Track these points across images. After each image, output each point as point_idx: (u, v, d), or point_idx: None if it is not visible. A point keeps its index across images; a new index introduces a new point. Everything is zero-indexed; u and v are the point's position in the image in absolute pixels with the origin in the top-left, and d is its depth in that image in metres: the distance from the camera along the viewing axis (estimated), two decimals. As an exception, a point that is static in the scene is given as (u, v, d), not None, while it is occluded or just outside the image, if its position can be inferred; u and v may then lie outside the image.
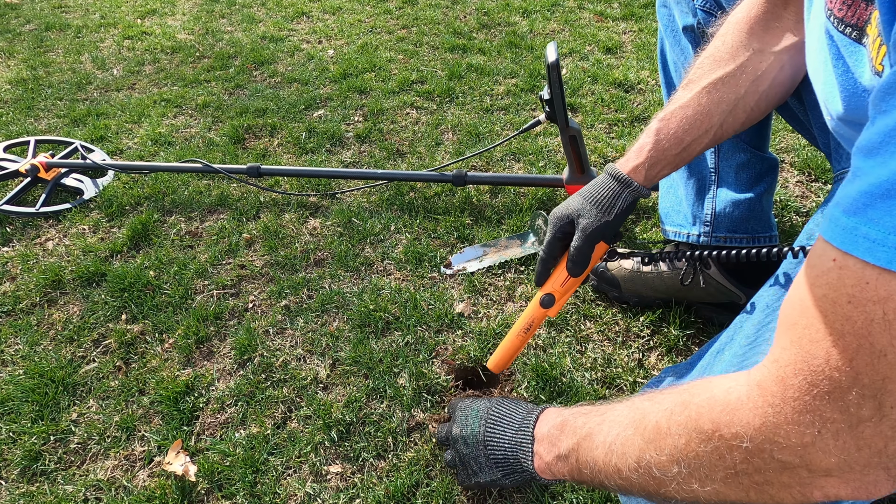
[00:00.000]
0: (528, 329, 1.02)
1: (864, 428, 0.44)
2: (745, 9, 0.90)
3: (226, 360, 1.25)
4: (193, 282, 1.43)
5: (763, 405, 0.49)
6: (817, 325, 0.45)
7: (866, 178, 0.41)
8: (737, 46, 0.88)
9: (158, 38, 2.80)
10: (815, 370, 0.45)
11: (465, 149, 1.86)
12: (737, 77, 0.87)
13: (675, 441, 0.57)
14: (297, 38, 2.74)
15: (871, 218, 0.40)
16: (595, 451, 0.68)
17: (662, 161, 0.91)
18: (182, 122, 2.13)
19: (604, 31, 2.56)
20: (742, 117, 0.90)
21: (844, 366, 0.43)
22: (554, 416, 0.81)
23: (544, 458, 0.78)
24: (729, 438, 0.51)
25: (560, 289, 0.98)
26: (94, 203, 1.72)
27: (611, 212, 0.91)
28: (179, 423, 1.13)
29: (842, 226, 0.43)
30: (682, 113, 0.89)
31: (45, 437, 1.12)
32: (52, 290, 1.44)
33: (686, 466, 0.56)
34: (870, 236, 0.40)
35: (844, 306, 0.42)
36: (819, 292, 0.45)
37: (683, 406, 0.58)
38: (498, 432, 0.86)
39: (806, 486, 0.49)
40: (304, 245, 1.53)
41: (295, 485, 1.02)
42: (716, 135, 0.90)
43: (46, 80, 2.47)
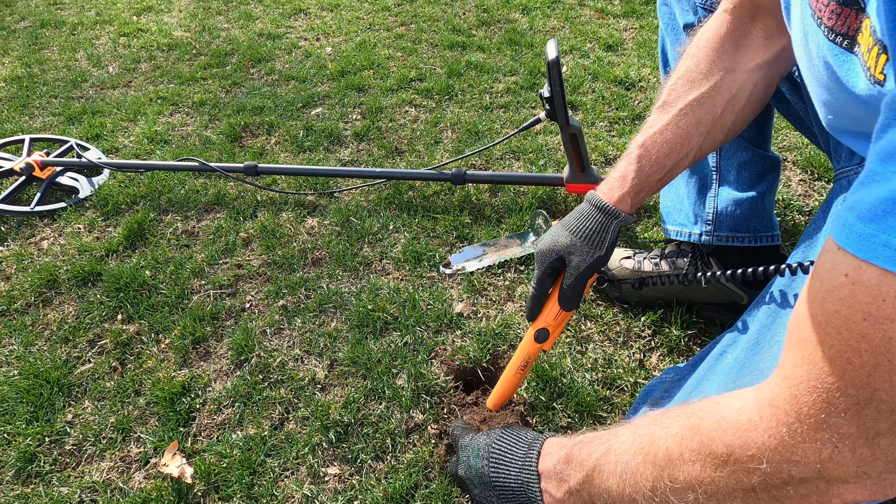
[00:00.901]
0: (525, 366, 1.01)
1: (881, 440, 0.44)
2: (713, 27, 0.90)
3: (222, 360, 1.25)
4: (190, 281, 1.43)
5: (777, 425, 0.49)
6: (830, 342, 0.44)
7: (886, 184, 0.40)
8: (709, 66, 0.88)
9: (154, 36, 2.80)
10: (830, 388, 0.45)
11: (464, 147, 1.86)
12: (713, 98, 0.87)
13: (690, 468, 0.56)
14: (294, 36, 2.74)
15: (892, 225, 0.39)
16: (607, 482, 0.67)
17: (646, 188, 0.90)
18: (178, 121, 2.12)
19: (604, 29, 2.56)
20: (720, 137, 0.90)
21: (861, 383, 0.43)
22: (556, 449, 0.80)
23: (555, 495, 0.77)
24: (745, 461, 0.51)
25: (553, 322, 0.97)
26: (90, 202, 1.72)
27: (602, 246, 0.89)
28: (176, 425, 1.13)
29: (858, 232, 0.42)
30: (661, 138, 0.88)
31: (40, 439, 1.12)
32: (47, 290, 1.43)
33: (703, 493, 0.56)
34: (891, 244, 0.39)
35: (860, 324, 0.42)
36: (831, 308, 0.44)
37: (694, 431, 0.57)
38: (503, 472, 0.85)
39: (823, 494, 0.49)
40: (302, 244, 1.53)
41: (292, 486, 1.02)
42: (695, 156, 0.90)
43: (41, 77, 2.47)
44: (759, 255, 1.20)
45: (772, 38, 0.86)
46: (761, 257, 1.20)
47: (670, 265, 1.26)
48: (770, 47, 0.86)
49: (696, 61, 0.89)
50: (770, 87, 0.90)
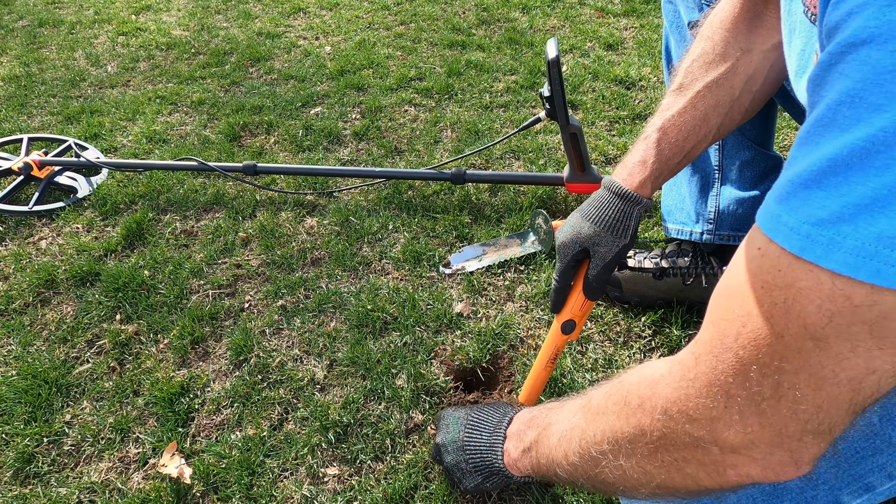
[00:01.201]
0: (553, 359, 1.02)
1: (765, 406, 0.46)
2: (726, 8, 0.90)
3: (221, 360, 1.25)
4: (189, 281, 1.43)
5: (679, 379, 0.52)
6: (734, 307, 0.48)
7: (794, 166, 0.43)
8: (725, 47, 0.87)
9: (153, 35, 2.80)
10: (725, 348, 0.48)
11: (464, 146, 1.86)
12: (730, 79, 0.87)
13: (608, 418, 0.61)
14: (293, 35, 2.74)
15: (792, 206, 0.42)
16: (551, 438, 0.71)
17: (666, 171, 0.90)
18: (177, 120, 2.12)
19: (605, 28, 2.56)
20: (738, 118, 0.90)
21: (748, 345, 0.46)
22: (526, 413, 0.84)
23: (511, 454, 0.81)
24: (649, 411, 0.55)
25: (579, 312, 0.97)
26: (88, 202, 1.72)
27: (626, 234, 0.89)
28: (174, 425, 1.13)
29: (770, 212, 0.44)
30: (680, 120, 0.88)
31: (39, 439, 1.12)
32: (46, 290, 1.43)
33: (615, 443, 0.60)
34: (788, 224, 0.42)
35: (758, 291, 0.45)
36: (742, 277, 0.47)
37: (619, 385, 0.62)
38: (475, 436, 0.88)
39: (718, 464, 0.51)
40: (301, 244, 1.53)
41: (292, 487, 1.02)
42: (714, 137, 0.90)
43: (39, 76, 2.47)
44: None
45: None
46: None
47: (671, 264, 1.26)
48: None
49: (711, 43, 0.89)
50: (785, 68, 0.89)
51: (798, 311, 0.42)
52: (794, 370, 0.44)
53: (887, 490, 0.67)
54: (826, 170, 0.39)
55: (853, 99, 0.38)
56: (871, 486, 0.66)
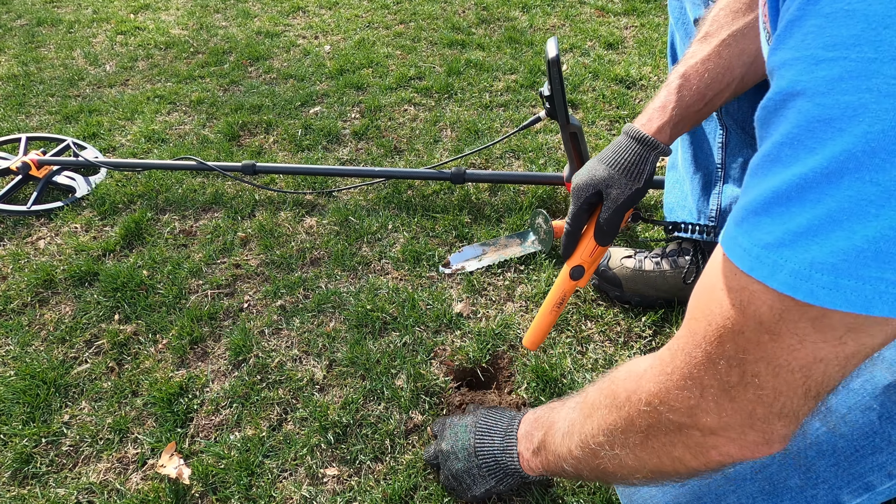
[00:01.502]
0: (560, 303, 1.02)
1: (734, 392, 0.52)
2: None
3: (220, 361, 1.25)
4: (187, 281, 1.43)
5: (659, 374, 0.58)
6: (701, 306, 0.54)
7: (747, 194, 0.48)
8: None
9: (152, 34, 2.79)
10: (695, 343, 0.54)
11: (463, 146, 1.86)
12: (756, 28, 0.84)
13: (602, 413, 0.66)
14: (292, 34, 2.74)
15: (744, 230, 0.47)
16: (555, 436, 0.75)
17: (686, 119, 0.89)
18: (176, 119, 2.12)
19: (605, 27, 2.56)
20: (762, 70, 0.87)
21: (714, 340, 0.52)
22: (531, 414, 0.86)
23: (525, 455, 0.83)
24: (635, 403, 0.61)
25: (589, 259, 0.98)
26: (87, 201, 1.72)
27: (640, 178, 0.89)
28: (173, 425, 1.13)
29: (728, 233, 0.50)
30: (703, 67, 0.87)
31: (37, 440, 1.12)
32: (44, 290, 1.43)
33: (610, 434, 0.65)
34: (742, 245, 0.47)
35: (720, 292, 0.51)
36: (707, 282, 0.53)
37: (610, 381, 0.67)
38: (487, 441, 0.89)
39: (701, 446, 0.57)
40: (301, 244, 1.53)
41: (291, 488, 1.02)
42: (737, 88, 0.89)
43: (38, 76, 2.46)
44: None
45: None
46: None
47: (671, 264, 1.26)
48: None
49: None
50: None
51: (753, 310, 0.48)
52: (754, 360, 0.49)
53: (887, 489, 0.67)
54: (771, 200, 0.45)
55: (792, 141, 0.43)
56: (871, 486, 0.66)
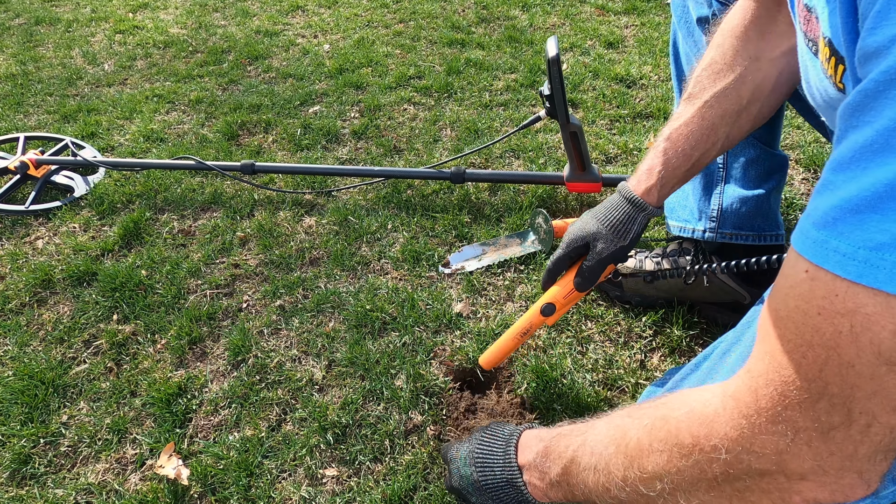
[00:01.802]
0: (524, 333, 1.06)
1: (835, 434, 0.45)
2: (738, 15, 0.90)
3: (219, 361, 1.25)
4: (186, 281, 1.43)
5: (738, 416, 0.51)
6: (789, 336, 0.47)
7: (837, 192, 0.43)
8: (734, 56, 0.89)
9: (150, 33, 2.79)
10: (786, 381, 0.47)
11: (463, 145, 1.86)
12: (738, 88, 0.88)
13: (658, 458, 0.58)
14: (292, 33, 2.73)
15: (841, 232, 0.42)
16: (583, 473, 0.69)
17: (673, 179, 0.93)
18: (175, 119, 2.12)
19: (605, 26, 2.56)
20: (747, 126, 0.91)
21: (814, 377, 0.45)
22: (535, 442, 0.82)
23: (538, 486, 0.80)
24: (708, 451, 0.53)
25: (562, 300, 1.02)
26: (85, 201, 1.72)
27: (626, 236, 0.95)
28: (172, 426, 1.13)
29: (812, 238, 0.44)
30: (687, 130, 0.91)
31: (35, 440, 1.12)
32: (42, 290, 1.43)
33: (669, 482, 0.57)
34: (840, 250, 0.42)
35: (814, 318, 0.44)
36: (791, 304, 0.47)
37: (663, 421, 0.59)
38: (489, 473, 0.86)
39: (784, 490, 0.50)
40: (300, 244, 1.52)
41: (290, 488, 1.02)
42: (723, 146, 0.92)
43: (36, 75, 2.46)
44: (763, 254, 1.20)
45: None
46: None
47: (672, 264, 1.26)
48: (794, 33, 0.86)
49: (720, 51, 0.90)
50: (796, 73, 0.89)
51: (869, 338, 0.41)
52: (866, 397, 0.43)
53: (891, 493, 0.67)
54: (882, 194, 0.39)
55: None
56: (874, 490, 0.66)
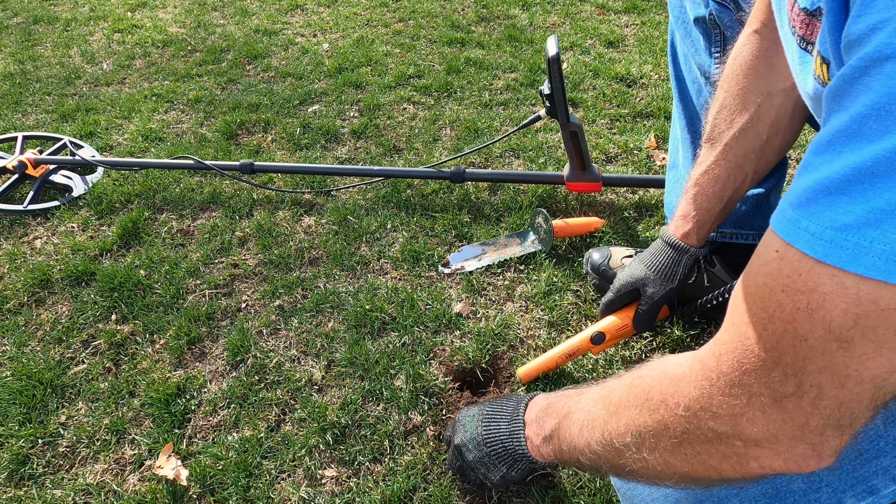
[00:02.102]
0: (570, 355, 1.12)
1: (787, 403, 0.48)
2: (744, 51, 0.91)
3: (218, 361, 1.25)
4: (185, 281, 1.43)
5: (701, 378, 0.54)
6: (754, 309, 0.50)
7: (813, 174, 0.44)
8: (746, 95, 0.91)
9: (149, 32, 2.79)
10: (746, 349, 0.50)
11: (463, 145, 1.86)
12: (755, 125, 0.90)
13: (631, 412, 0.63)
14: (291, 32, 2.73)
15: (813, 212, 0.43)
16: (572, 427, 0.73)
17: (710, 219, 1.00)
18: (173, 118, 2.12)
19: (605, 25, 2.56)
20: (772, 157, 0.94)
21: (771, 347, 0.48)
22: (542, 400, 0.86)
23: (534, 441, 0.83)
24: (672, 408, 0.57)
25: (615, 333, 1.10)
26: (84, 200, 1.72)
27: (674, 279, 1.04)
28: (171, 426, 1.13)
29: (787, 217, 0.46)
30: (713, 173, 0.96)
31: (33, 441, 1.12)
32: (40, 290, 1.43)
33: (637, 436, 0.61)
34: (809, 229, 0.43)
35: (778, 294, 0.46)
36: (760, 280, 0.49)
37: (640, 379, 0.64)
38: (493, 428, 0.90)
39: (742, 456, 0.53)
40: (299, 243, 1.52)
41: (289, 489, 1.02)
42: (752, 180, 0.97)
43: (34, 74, 2.46)
44: None
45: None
46: None
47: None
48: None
49: (732, 91, 0.92)
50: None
51: (822, 315, 0.43)
52: (817, 370, 0.45)
53: (891, 493, 0.67)
54: (851, 177, 0.41)
55: (879, 112, 0.39)
56: (875, 489, 0.66)
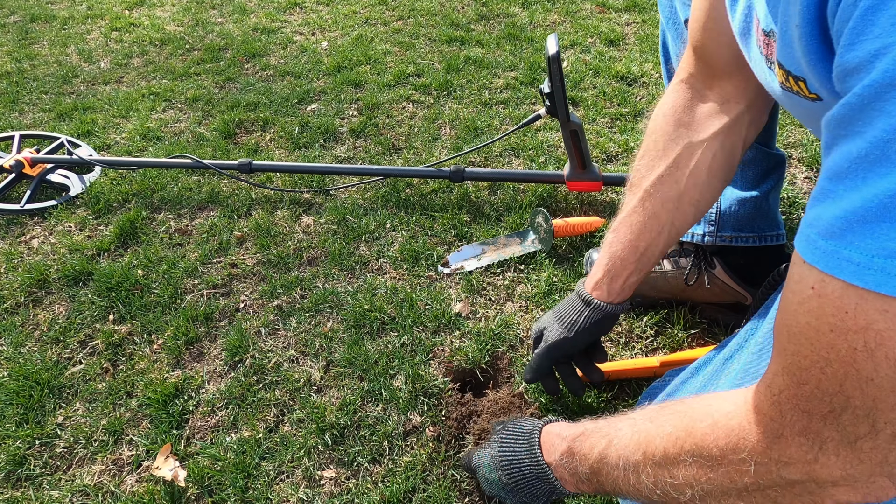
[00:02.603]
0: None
1: (862, 444, 0.47)
2: (669, 99, 0.92)
3: (216, 361, 1.25)
4: (183, 281, 1.43)
5: (764, 430, 0.53)
6: (805, 352, 0.48)
7: (839, 202, 0.44)
8: (667, 142, 0.90)
9: (147, 30, 2.79)
10: (808, 396, 0.48)
11: (462, 144, 1.86)
12: (674, 174, 0.89)
13: (687, 469, 0.61)
14: (289, 30, 2.73)
15: (852, 242, 0.43)
16: (613, 472, 0.72)
17: (624, 271, 0.94)
18: (171, 117, 2.12)
19: (606, 23, 2.56)
20: (691, 211, 0.92)
21: (835, 391, 0.46)
22: (558, 441, 0.83)
23: (569, 480, 0.82)
24: (737, 463, 0.55)
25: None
26: (81, 200, 1.72)
27: (571, 329, 0.97)
28: (169, 427, 1.13)
29: (822, 249, 0.45)
30: (629, 220, 0.93)
31: (30, 441, 1.11)
32: (38, 290, 1.43)
33: (700, 490, 0.60)
34: (853, 259, 0.42)
35: (827, 335, 0.45)
36: (802, 320, 0.48)
37: (688, 433, 0.62)
38: (518, 476, 0.87)
39: (816, 494, 0.52)
40: (297, 243, 1.52)
41: (288, 490, 1.02)
42: (670, 233, 0.92)
43: (31, 73, 2.46)
44: (764, 254, 1.20)
45: (729, 101, 0.88)
46: (766, 257, 1.20)
47: (673, 265, 1.26)
48: (728, 111, 0.88)
49: (654, 138, 0.92)
50: (733, 152, 0.90)
51: (884, 354, 0.42)
52: (889, 407, 0.44)
53: None
54: (888, 203, 0.40)
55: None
56: None
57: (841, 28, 0.44)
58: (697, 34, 0.86)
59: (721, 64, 0.85)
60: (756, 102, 0.88)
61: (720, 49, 0.84)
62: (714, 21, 0.82)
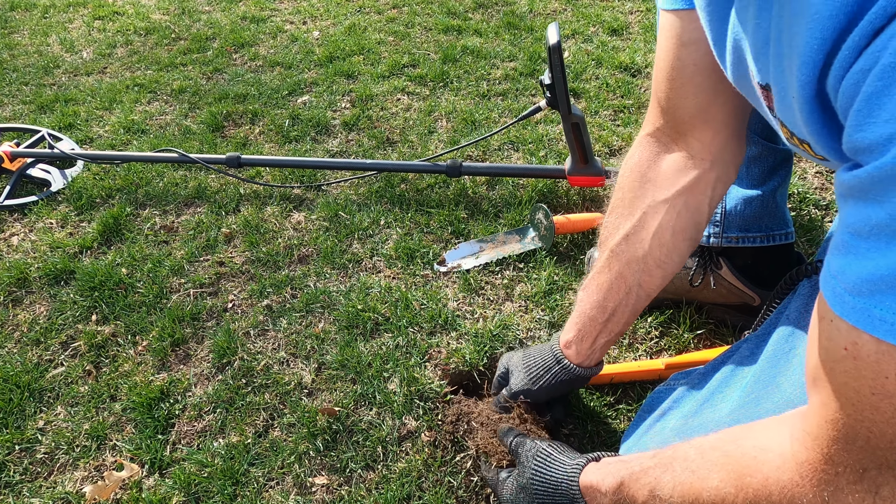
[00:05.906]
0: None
1: None
2: (636, 153, 0.93)
3: (203, 363, 1.25)
4: (168, 280, 1.43)
5: (819, 484, 0.56)
6: (849, 411, 0.52)
7: (863, 261, 0.47)
8: (633, 199, 0.91)
9: (131, 19, 2.78)
10: (861, 451, 0.52)
11: (459, 137, 1.85)
12: (638, 233, 0.90)
13: None
14: (279, 19, 2.73)
15: (882, 302, 0.46)
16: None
17: (593, 331, 0.94)
18: (156, 109, 2.11)
19: (609, 11, 2.56)
20: (658, 272, 0.92)
21: (886, 446, 0.50)
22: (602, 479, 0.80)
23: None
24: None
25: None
26: (63, 195, 1.71)
27: (536, 383, 0.98)
28: (154, 432, 1.12)
29: (851, 305, 0.48)
30: (598, 279, 0.93)
31: (10, 447, 1.11)
32: (17, 289, 1.43)
33: None
34: (887, 319, 0.45)
35: (870, 397, 0.49)
36: (840, 379, 0.51)
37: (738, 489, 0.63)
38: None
39: None
40: (288, 240, 1.52)
41: (278, 497, 1.02)
42: (638, 295, 0.93)
43: (11, 63, 2.45)
44: (773, 254, 1.20)
45: (695, 157, 0.88)
46: (774, 256, 1.20)
47: None
48: (693, 167, 0.88)
49: (621, 195, 0.93)
50: (698, 210, 0.91)
51: None
52: None
53: None
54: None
55: None
56: None
57: (845, 106, 0.47)
58: (662, 87, 0.86)
59: (686, 118, 0.86)
60: (723, 157, 0.88)
61: (685, 102, 0.84)
62: (678, 72, 0.82)
